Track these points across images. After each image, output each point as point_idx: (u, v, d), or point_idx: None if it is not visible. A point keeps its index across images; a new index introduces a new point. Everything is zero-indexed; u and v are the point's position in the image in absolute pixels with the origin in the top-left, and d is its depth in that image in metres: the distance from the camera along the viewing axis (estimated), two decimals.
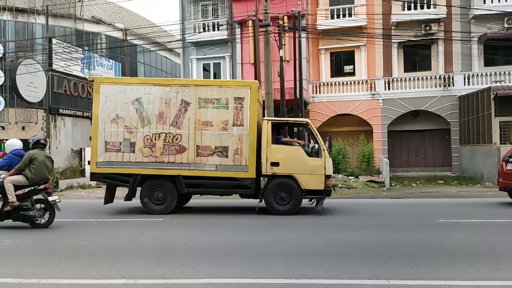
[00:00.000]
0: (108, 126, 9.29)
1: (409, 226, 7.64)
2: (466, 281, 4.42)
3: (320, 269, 4.90)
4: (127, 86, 9.42)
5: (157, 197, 9.34)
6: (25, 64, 15.35)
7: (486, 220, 8.10)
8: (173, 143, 9.17)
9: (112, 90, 9.37)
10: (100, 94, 9.37)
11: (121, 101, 9.30)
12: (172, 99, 9.23)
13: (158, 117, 9.24)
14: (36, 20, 30.38)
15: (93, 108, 9.57)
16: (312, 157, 9.07)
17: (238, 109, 9.10)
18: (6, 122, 29.79)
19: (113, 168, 9.34)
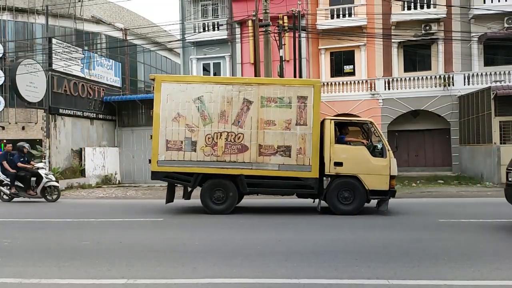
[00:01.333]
0: (170, 125, 9.21)
1: (409, 226, 7.64)
2: (466, 281, 4.42)
3: (320, 269, 4.90)
4: (188, 84, 9.35)
5: (217, 197, 9.24)
6: (25, 64, 15.34)
7: (486, 220, 8.10)
8: (235, 142, 9.10)
9: (173, 88, 9.28)
10: (161, 93, 9.28)
11: (183, 100, 9.20)
12: (234, 98, 9.15)
13: (220, 116, 9.15)
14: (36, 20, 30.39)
15: (154, 107, 9.43)
16: (376, 157, 9.01)
17: (302, 108, 9.03)
18: (6, 122, 29.79)
19: (174, 167, 9.28)
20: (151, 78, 9.85)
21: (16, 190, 11.95)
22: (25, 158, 12.39)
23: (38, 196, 11.94)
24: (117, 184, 18.00)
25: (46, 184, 11.86)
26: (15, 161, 12.06)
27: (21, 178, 11.98)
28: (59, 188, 12.32)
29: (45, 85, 15.76)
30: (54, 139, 15.95)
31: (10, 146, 12.73)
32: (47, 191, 11.99)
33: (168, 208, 10.66)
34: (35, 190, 11.96)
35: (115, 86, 20.47)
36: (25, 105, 17.84)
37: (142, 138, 18.62)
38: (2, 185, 12.16)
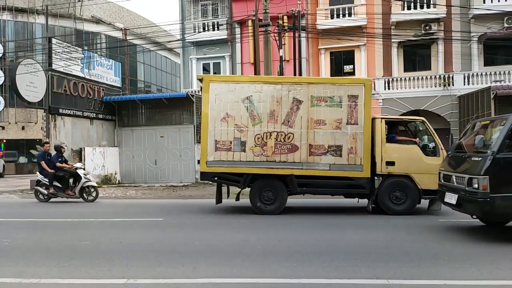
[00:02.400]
0: (218, 125, 9.10)
1: (409, 226, 7.64)
2: (466, 281, 4.43)
3: (320, 269, 4.90)
4: (237, 84, 9.25)
5: (267, 197, 9.11)
6: (25, 64, 15.33)
7: None
8: (285, 142, 9.00)
9: (222, 88, 9.19)
10: (209, 93, 9.17)
11: (231, 100, 9.10)
12: (283, 97, 9.04)
13: (269, 116, 9.06)
14: (36, 20, 30.43)
15: (202, 107, 9.32)
16: (429, 156, 8.91)
17: (352, 107, 8.92)
18: (6, 122, 29.83)
19: (223, 168, 9.16)
20: (199, 78, 9.66)
21: (54, 190, 11.81)
22: (63, 158, 12.23)
23: (76, 196, 11.80)
24: (117, 184, 17.99)
25: (84, 184, 11.73)
26: (54, 161, 11.91)
27: (59, 178, 11.83)
28: (97, 188, 12.17)
29: (45, 85, 15.75)
30: (54, 139, 15.93)
31: (48, 146, 12.49)
32: (85, 191, 11.85)
33: (168, 208, 10.66)
34: (73, 190, 11.82)
35: (115, 86, 20.47)
36: (25, 105, 17.85)
37: (142, 138, 18.62)
38: (40, 185, 12.00)
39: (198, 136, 18.21)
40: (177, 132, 18.30)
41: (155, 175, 18.07)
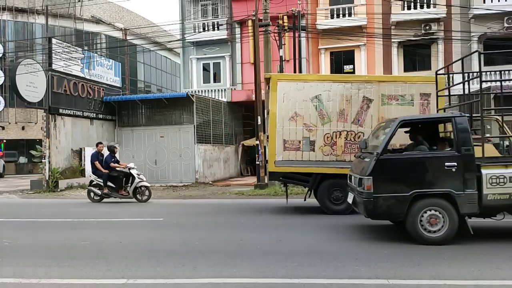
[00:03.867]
0: (287, 124, 8.99)
1: None
2: (466, 280, 4.43)
3: (320, 269, 4.90)
4: (305, 83, 9.12)
5: (336, 197, 8.99)
6: (25, 64, 15.32)
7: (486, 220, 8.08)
8: (355, 141, 8.87)
9: (290, 87, 9.06)
10: (277, 92, 9.04)
11: (300, 99, 8.98)
12: (353, 96, 8.88)
13: (339, 115, 8.93)
14: (35, 20, 30.41)
15: (270, 106, 9.21)
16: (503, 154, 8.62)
17: (424, 105, 8.80)
18: (6, 122, 29.82)
19: (292, 167, 9.05)
20: (266, 77, 9.50)
21: (108, 190, 11.75)
22: (115, 158, 12.17)
23: (129, 196, 11.72)
24: None
25: (138, 184, 11.64)
26: (108, 161, 11.86)
27: (113, 178, 11.77)
28: (150, 188, 12.06)
29: (45, 85, 15.75)
30: (54, 139, 15.94)
31: (102, 146, 12.41)
32: (138, 191, 11.75)
33: (168, 208, 10.67)
34: (127, 190, 11.76)
35: (115, 86, 20.47)
36: (25, 105, 17.84)
37: (142, 138, 18.63)
38: (93, 185, 11.95)
39: (198, 136, 18.23)
40: (177, 132, 18.31)
41: (155, 175, 18.07)
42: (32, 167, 28.89)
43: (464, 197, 5.99)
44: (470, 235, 6.09)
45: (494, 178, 5.97)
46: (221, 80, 23.68)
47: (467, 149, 6.06)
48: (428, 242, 6.03)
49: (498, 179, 5.96)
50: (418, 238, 6.09)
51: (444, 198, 6.06)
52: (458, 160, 6.03)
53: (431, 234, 6.06)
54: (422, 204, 6.07)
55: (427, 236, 6.06)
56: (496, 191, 5.97)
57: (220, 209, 10.45)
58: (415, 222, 6.07)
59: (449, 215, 6.02)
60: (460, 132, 6.16)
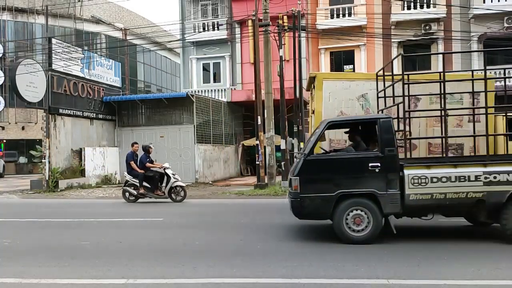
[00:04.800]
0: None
1: (409, 226, 7.64)
2: (466, 281, 4.43)
3: (320, 269, 4.90)
4: (352, 81, 9.00)
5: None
6: (24, 64, 15.32)
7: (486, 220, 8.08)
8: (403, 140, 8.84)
9: (336, 86, 8.95)
10: (323, 91, 8.93)
11: (346, 98, 8.86)
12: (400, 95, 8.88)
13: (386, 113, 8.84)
14: (35, 20, 30.42)
15: (315, 105, 9.09)
16: None
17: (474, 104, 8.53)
18: (6, 122, 29.83)
19: None
20: (312, 76, 9.38)
21: (144, 190, 11.64)
22: (150, 158, 12.07)
23: (165, 196, 11.63)
24: (117, 184, 17.98)
25: (173, 184, 11.55)
26: (143, 162, 11.77)
27: (148, 178, 11.67)
28: (185, 188, 11.98)
29: (45, 85, 15.75)
30: (54, 139, 15.94)
31: (137, 146, 12.32)
32: (173, 191, 11.67)
33: (168, 208, 10.66)
34: (162, 190, 11.67)
35: (115, 86, 20.47)
36: (25, 105, 17.85)
37: (142, 138, 18.59)
38: (128, 185, 11.83)
39: (198, 136, 18.23)
40: (177, 132, 18.31)
41: None
42: (32, 167, 28.89)
43: (387, 197, 6.09)
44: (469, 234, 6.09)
45: (416, 178, 6.04)
46: (221, 80, 23.70)
47: (390, 150, 6.17)
48: (353, 241, 6.13)
49: (420, 180, 6.03)
50: (343, 237, 6.19)
51: (368, 198, 6.16)
52: (382, 161, 6.13)
53: (356, 233, 6.17)
54: (347, 204, 6.17)
55: (352, 235, 6.17)
56: (418, 191, 6.03)
57: (220, 209, 10.45)
58: (341, 222, 6.18)
59: (373, 215, 6.13)
60: (384, 133, 6.28)
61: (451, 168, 6.08)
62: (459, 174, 5.99)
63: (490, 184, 5.95)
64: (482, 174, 5.97)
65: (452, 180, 5.97)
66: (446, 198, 6.01)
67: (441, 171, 6.05)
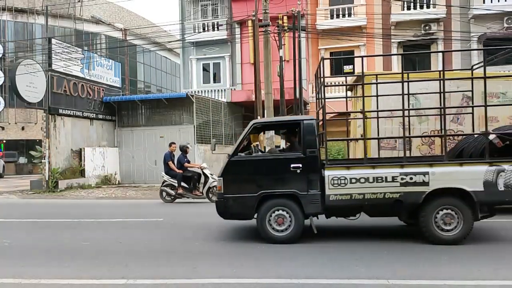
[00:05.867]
0: (382, 123, 8.77)
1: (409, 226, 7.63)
2: (466, 281, 4.43)
3: (320, 269, 4.91)
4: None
5: None
6: (24, 64, 15.31)
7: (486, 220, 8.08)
8: (455, 140, 8.61)
9: (385, 85, 8.75)
10: (371, 90, 8.79)
11: (395, 97, 8.54)
12: (452, 94, 8.61)
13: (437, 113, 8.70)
14: (35, 20, 30.43)
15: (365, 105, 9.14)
16: None
17: None
18: (5, 122, 29.83)
19: None
20: (358, 75, 9.22)
21: (182, 191, 11.57)
22: (187, 158, 12.01)
23: (203, 196, 11.53)
24: (117, 185, 17.98)
25: (211, 184, 11.37)
26: (181, 161, 11.70)
27: (186, 178, 11.60)
28: None
29: (45, 85, 15.74)
30: (53, 139, 15.93)
31: (174, 146, 12.25)
32: (211, 191, 11.50)
33: (168, 208, 10.66)
34: (200, 190, 11.60)
35: (114, 86, 20.47)
36: (24, 105, 17.84)
37: (142, 138, 18.62)
38: (165, 185, 11.76)
39: (198, 136, 18.22)
40: (177, 132, 18.29)
41: (155, 176, 18.03)
42: (32, 167, 28.88)
43: (308, 198, 6.18)
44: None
45: (335, 179, 6.10)
46: (221, 80, 23.70)
47: (311, 151, 6.25)
48: (275, 241, 6.22)
49: (339, 180, 6.10)
50: (267, 237, 6.29)
51: (290, 199, 6.24)
52: (303, 162, 6.21)
53: (279, 233, 6.26)
54: (270, 204, 6.27)
55: (275, 235, 6.26)
56: (338, 192, 6.10)
57: None
58: (263, 222, 6.28)
59: (295, 215, 6.22)
60: (306, 134, 6.34)
61: (370, 169, 6.17)
62: (376, 175, 6.08)
63: (407, 185, 6.02)
64: (398, 175, 6.05)
65: (370, 181, 6.06)
66: (365, 199, 6.09)
67: (360, 172, 6.13)
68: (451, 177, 6.04)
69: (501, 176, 5.95)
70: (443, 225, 6.03)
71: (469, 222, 6.06)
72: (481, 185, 5.96)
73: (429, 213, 6.03)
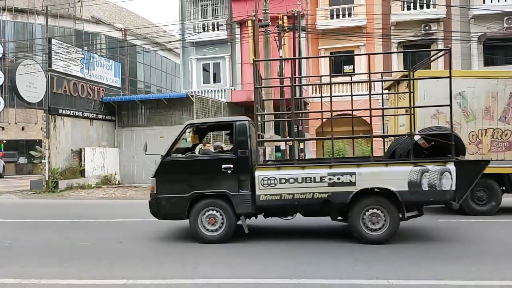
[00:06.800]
0: (428, 122, 8.60)
1: (409, 226, 7.64)
2: (466, 281, 4.43)
3: (320, 269, 4.91)
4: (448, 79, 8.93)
5: (479, 197, 8.75)
6: (24, 65, 15.31)
7: (486, 220, 8.10)
8: (502, 140, 8.65)
9: (431, 84, 8.84)
10: (418, 89, 8.86)
11: (442, 96, 8.54)
12: (499, 93, 8.57)
13: (484, 112, 8.68)
14: (35, 21, 30.41)
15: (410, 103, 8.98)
16: None
17: None
18: (5, 123, 29.81)
19: None
20: (405, 74, 9.18)
21: None
22: None
23: None
24: (117, 185, 17.98)
25: None
26: None
27: None
28: None
29: (45, 85, 15.74)
30: (53, 139, 15.93)
31: (209, 146, 12.34)
32: None
33: None
34: None
35: (114, 86, 20.47)
36: (24, 105, 17.85)
37: (142, 138, 18.58)
38: None
39: None
40: (177, 132, 18.28)
41: None
42: (32, 167, 28.87)
43: (239, 198, 6.28)
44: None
45: (265, 179, 6.18)
46: (221, 81, 23.69)
47: (243, 152, 6.34)
48: (207, 240, 6.31)
49: (269, 181, 6.18)
50: (199, 237, 6.37)
51: (222, 199, 6.34)
52: (234, 163, 6.31)
53: (211, 233, 6.36)
54: (202, 204, 6.37)
55: (207, 235, 6.37)
56: (268, 192, 6.18)
57: None
58: (196, 222, 6.36)
59: (226, 215, 6.31)
60: (238, 135, 6.44)
61: (299, 170, 6.24)
62: (305, 175, 6.16)
63: (334, 185, 6.13)
64: (326, 176, 6.14)
65: (299, 181, 6.15)
66: (294, 199, 6.17)
67: (289, 173, 6.21)
68: (377, 177, 6.16)
69: (425, 176, 6.04)
70: (371, 224, 6.17)
71: (396, 222, 6.18)
72: (405, 185, 6.05)
73: (357, 213, 6.17)
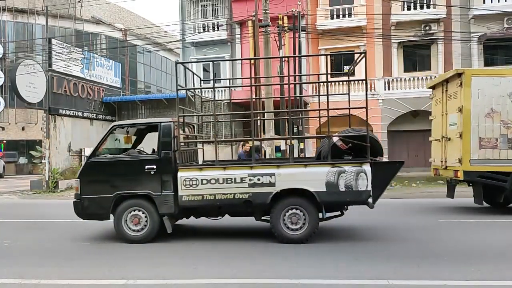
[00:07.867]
0: (482, 121, 8.60)
1: (409, 226, 7.64)
2: (466, 281, 4.43)
3: (320, 269, 4.90)
4: (503, 78, 8.72)
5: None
6: (25, 65, 15.32)
7: (486, 220, 8.10)
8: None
9: (486, 82, 8.68)
10: (471, 87, 8.68)
11: (496, 94, 8.64)
12: None
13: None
14: (36, 21, 30.42)
15: (464, 102, 8.79)
16: None
17: None
18: (6, 123, 29.82)
19: (488, 166, 8.63)
20: (459, 72, 9.13)
21: None
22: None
23: None
24: None
25: None
26: (241, 158, 11.63)
27: None
28: None
29: (45, 85, 15.75)
30: (54, 139, 15.94)
31: (248, 146, 12.13)
32: None
33: None
34: None
35: (115, 86, 20.49)
36: (25, 105, 17.85)
37: None
38: None
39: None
40: None
41: None
42: (32, 167, 28.88)
43: (162, 198, 6.35)
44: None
45: (188, 180, 6.25)
46: (221, 81, 23.69)
47: (166, 153, 6.40)
48: (130, 240, 6.41)
49: (191, 181, 6.25)
50: (122, 237, 6.47)
51: (145, 199, 6.40)
52: (157, 163, 6.37)
53: (134, 233, 6.46)
54: (126, 205, 6.45)
55: (130, 235, 6.46)
56: (190, 193, 6.25)
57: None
58: (120, 222, 6.45)
59: (150, 215, 6.39)
60: (163, 136, 6.49)
61: (220, 171, 6.30)
62: (226, 176, 6.23)
63: (255, 185, 6.20)
64: (247, 176, 6.21)
65: (220, 182, 6.22)
66: (216, 199, 6.24)
67: (211, 173, 6.28)
68: (296, 178, 6.23)
69: (342, 177, 6.11)
70: (291, 224, 6.24)
71: (315, 222, 6.25)
72: (323, 186, 6.12)
73: (277, 213, 6.24)
